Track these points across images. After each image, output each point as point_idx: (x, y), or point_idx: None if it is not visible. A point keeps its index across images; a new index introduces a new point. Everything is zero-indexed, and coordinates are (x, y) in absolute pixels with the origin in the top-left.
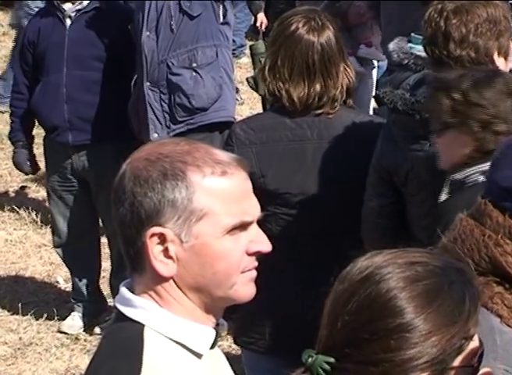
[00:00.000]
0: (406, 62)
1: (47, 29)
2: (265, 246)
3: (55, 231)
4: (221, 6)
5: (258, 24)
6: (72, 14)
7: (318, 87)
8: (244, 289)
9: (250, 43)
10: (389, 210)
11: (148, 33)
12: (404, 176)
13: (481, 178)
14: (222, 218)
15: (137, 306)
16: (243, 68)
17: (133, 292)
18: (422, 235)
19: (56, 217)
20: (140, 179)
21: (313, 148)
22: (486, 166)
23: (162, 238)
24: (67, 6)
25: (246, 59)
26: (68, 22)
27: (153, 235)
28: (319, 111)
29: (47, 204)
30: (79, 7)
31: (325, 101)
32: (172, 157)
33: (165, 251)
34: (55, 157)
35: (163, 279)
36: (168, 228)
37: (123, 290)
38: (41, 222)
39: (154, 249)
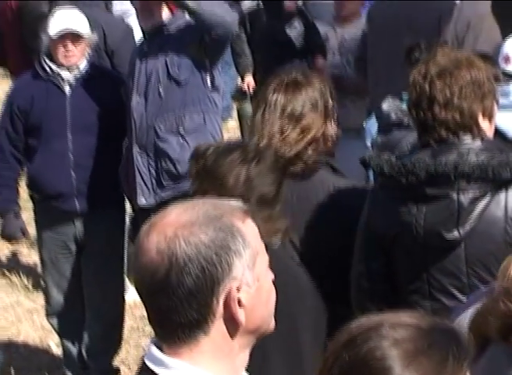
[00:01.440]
0: (406, 120)
1: (41, 96)
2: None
3: (48, 300)
4: (208, 73)
5: (245, 86)
6: (72, 80)
7: None
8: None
9: (237, 105)
10: (378, 274)
11: (138, 97)
12: (392, 240)
13: None
14: (264, 253)
15: (170, 367)
16: (231, 131)
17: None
18: (412, 299)
19: (50, 286)
20: (202, 243)
21: (292, 211)
22: None
23: (237, 290)
24: (65, 74)
25: (233, 122)
26: (67, 88)
27: (231, 290)
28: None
29: (38, 268)
30: (76, 73)
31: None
32: (212, 216)
33: (239, 302)
34: (53, 224)
35: (230, 333)
36: (239, 279)
37: (154, 349)
38: (33, 287)
39: (232, 302)
